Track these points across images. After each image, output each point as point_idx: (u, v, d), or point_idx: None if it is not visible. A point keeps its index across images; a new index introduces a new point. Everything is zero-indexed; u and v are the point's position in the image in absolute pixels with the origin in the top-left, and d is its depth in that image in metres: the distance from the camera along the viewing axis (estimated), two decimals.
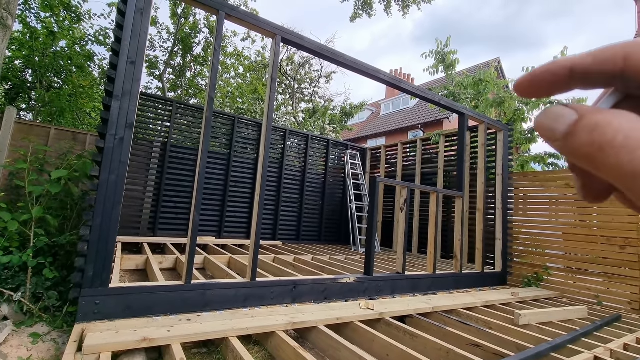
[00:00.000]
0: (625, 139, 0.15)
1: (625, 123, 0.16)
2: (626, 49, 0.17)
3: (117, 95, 2.20)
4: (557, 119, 0.18)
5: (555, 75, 0.19)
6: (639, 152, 0.15)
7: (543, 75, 0.19)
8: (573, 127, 0.17)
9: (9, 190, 3.92)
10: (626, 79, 0.17)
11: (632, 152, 0.15)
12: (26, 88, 7.76)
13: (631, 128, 0.15)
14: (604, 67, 0.17)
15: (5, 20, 3.71)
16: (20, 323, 2.41)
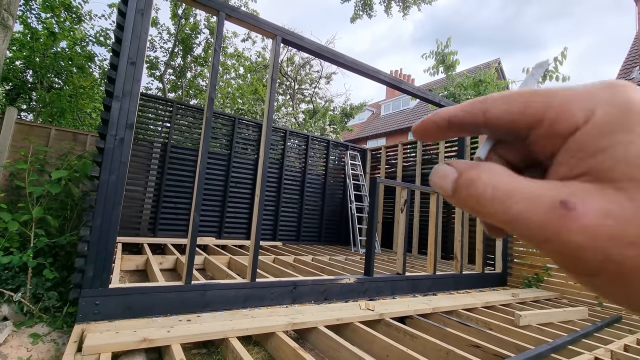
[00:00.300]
0: (493, 190, 0.18)
1: (491, 176, 0.18)
2: (484, 104, 0.20)
3: (118, 96, 2.21)
4: (444, 178, 0.20)
5: (438, 125, 0.22)
6: (509, 201, 0.17)
7: (429, 125, 0.22)
8: (455, 184, 0.19)
9: (10, 190, 3.92)
10: (490, 129, 0.20)
11: (503, 202, 0.17)
12: (27, 89, 7.77)
13: (497, 179, 0.18)
14: (472, 119, 0.20)
15: (6, 20, 3.72)
16: (20, 323, 2.41)
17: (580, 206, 0.16)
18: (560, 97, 0.18)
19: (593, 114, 0.17)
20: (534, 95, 0.19)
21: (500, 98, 0.20)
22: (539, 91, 0.19)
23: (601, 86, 0.18)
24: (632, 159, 0.15)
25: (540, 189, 0.17)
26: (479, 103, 0.20)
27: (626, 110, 0.16)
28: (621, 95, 0.17)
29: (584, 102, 0.17)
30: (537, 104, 0.18)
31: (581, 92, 0.18)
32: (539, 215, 0.16)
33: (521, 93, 0.19)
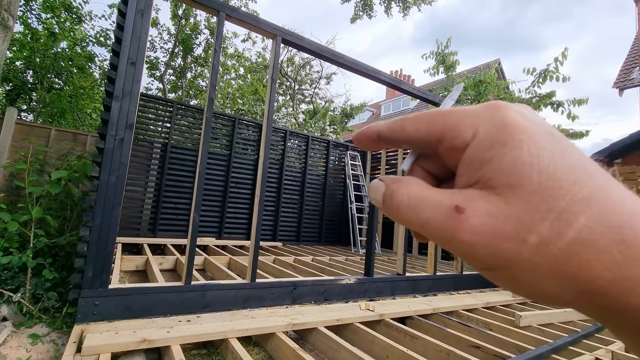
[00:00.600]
0: (408, 199, 0.21)
1: (407, 188, 0.22)
2: (402, 123, 0.23)
3: (117, 96, 2.20)
4: (376, 191, 0.23)
5: (370, 137, 0.25)
6: (419, 208, 0.20)
7: (363, 137, 0.26)
8: (383, 196, 0.22)
9: (9, 190, 3.92)
10: (409, 144, 0.24)
11: (415, 209, 0.20)
12: (27, 89, 7.77)
13: (412, 190, 0.21)
14: (394, 135, 0.24)
15: (6, 21, 3.72)
16: (19, 324, 2.41)
17: (469, 209, 0.19)
18: (454, 117, 0.21)
19: (477, 131, 0.20)
20: (436, 116, 0.22)
21: (412, 118, 0.23)
22: (440, 112, 0.22)
23: (485, 108, 0.21)
24: (506, 169, 0.18)
25: (442, 197, 0.20)
26: (399, 121, 0.24)
27: (502, 127, 0.19)
28: (498, 114, 0.20)
29: (471, 121, 0.20)
30: (437, 124, 0.22)
31: (470, 112, 0.21)
32: (440, 219, 0.19)
33: (428, 114, 0.22)
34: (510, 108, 0.20)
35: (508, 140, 0.19)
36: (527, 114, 0.20)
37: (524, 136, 0.19)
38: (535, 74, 6.20)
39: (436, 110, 0.22)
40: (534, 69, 6.21)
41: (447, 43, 6.92)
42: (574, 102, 5.86)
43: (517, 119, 0.19)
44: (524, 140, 0.19)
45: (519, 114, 0.20)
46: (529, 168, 0.18)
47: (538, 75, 6.16)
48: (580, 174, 0.18)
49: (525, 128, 0.19)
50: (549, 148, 0.18)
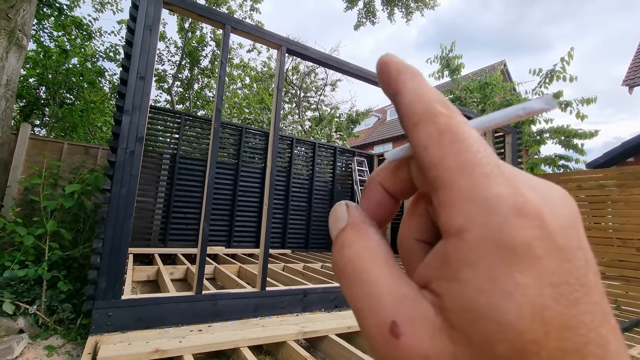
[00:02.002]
0: (352, 270, 0.17)
1: (360, 252, 0.17)
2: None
3: (128, 110, 2.26)
4: (335, 222, 0.20)
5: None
6: (357, 289, 0.16)
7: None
8: (337, 237, 0.19)
9: (24, 204, 4.01)
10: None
11: (351, 287, 0.17)
12: (40, 105, 7.99)
13: (362, 258, 0.17)
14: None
15: (21, 40, 3.85)
16: (35, 336, 2.45)
17: (407, 339, 0.14)
18: (459, 186, 0.15)
19: (469, 229, 0.14)
20: (447, 170, 0.15)
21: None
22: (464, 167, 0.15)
23: (510, 202, 0.14)
24: (476, 316, 0.13)
25: (386, 297, 0.15)
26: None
27: (503, 250, 0.13)
28: (512, 228, 0.13)
29: (471, 210, 0.14)
30: (440, 179, 0.16)
31: (478, 205, 0.14)
32: (374, 327, 0.15)
33: (445, 157, 0.16)
34: (540, 226, 0.13)
35: (501, 274, 0.13)
36: (561, 243, 0.13)
37: (527, 279, 0.13)
38: (542, 75, 6.15)
39: (458, 153, 0.15)
40: (540, 69, 6.17)
41: (452, 47, 6.92)
42: (583, 101, 5.79)
43: (534, 246, 0.13)
44: (523, 287, 0.13)
45: (543, 240, 0.13)
46: (504, 334, 0.12)
47: (544, 76, 6.11)
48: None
49: (535, 266, 0.13)
50: (554, 313, 0.12)
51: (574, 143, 5.92)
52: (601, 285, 0.14)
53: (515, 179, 0.15)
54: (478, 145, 0.15)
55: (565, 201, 0.15)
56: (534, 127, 6.30)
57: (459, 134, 0.15)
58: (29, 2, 3.89)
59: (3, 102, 3.70)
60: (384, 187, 0.20)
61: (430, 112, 0.16)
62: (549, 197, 0.15)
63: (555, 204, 0.14)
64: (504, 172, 0.15)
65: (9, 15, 3.65)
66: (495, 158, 0.15)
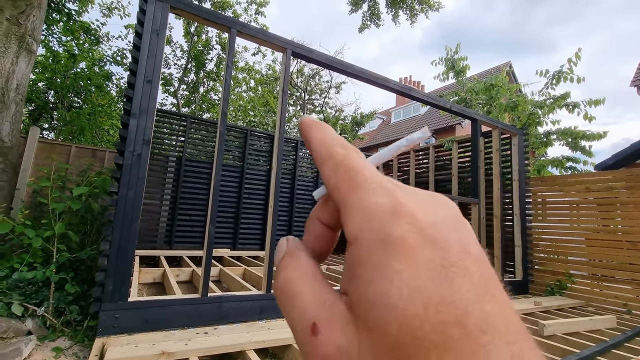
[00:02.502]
0: (284, 284, 0.20)
1: (291, 272, 0.20)
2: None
3: (135, 113, 2.28)
4: (278, 253, 0.23)
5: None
6: (289, 305, 0.19)
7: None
8: (276, 269, 0.22)
9: (33, 207, 4.06)
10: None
11: (285, 303, 0.19)
12: (49, 108, 8.11)
13: (294, 277, 0.20)
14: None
15: (31, 45, 3.91)
16: (43, 337, 2.47)
17: (323, 334, 0.17)
18: (350, 202, 0.18)
19: (361, 235, 0.17)
20: (339, 186, 0.19)
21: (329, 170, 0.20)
22: (352, 182, 0.18)
23: (387, 206, 0.17)
24: (365, 304, 0.15)
25: (311, 303, 0.18)
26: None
27: (384, 244, 0.16)
28: (389, 225, 0.16)
29: (360, 218, 0.17)
30: (338, 196, 0.19)
31: (369, 204, 0.17)
32: (300, 330, 0.18)
33: (342, 175, 0.19)
34: (412, 222, 0.16)
35: (383, 264, 0.15)
36: (430, 233, 0.16)
37: (403, 265, 0.15)
38: (549, 76, 6.10)
39: (352, 174, 0.19)
40: (546, 70, 6.12)
41: (457, 49, 6.90)
42: (590, 102, 5.73)
43: (407, 238, 0.15)
44: (400, 272, 0.15)
45: (415, 233, 0.16)
46: (391, 314, 0.14)
47: (551, 77, 6.06)
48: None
49: (409, 254, 0.15)
50: (431, 291, 0.14)
51: (582, 145, 5.86)
52: (486, 272, 0.16)
53: (396, 192, 0.18)
54: (367, 171, 0.19)
55: (441, 205, 0.18)
56: (541, 129, 6.25)
57: (351, 166, 0.19)
58: (38, 7, 3.95)
59: (13, 106, 3.76)
60: (320, 221, 0.23)
61: (330, 153, 0.20)
62: (424, 202, 0.18)
63: (429, 207, 0.17)
64: (386, 187, 0.18)
65: (19, 20, 3.71)
66: (381, 180, 0.18)
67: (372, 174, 0.19)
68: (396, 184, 0.19)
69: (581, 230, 4.33)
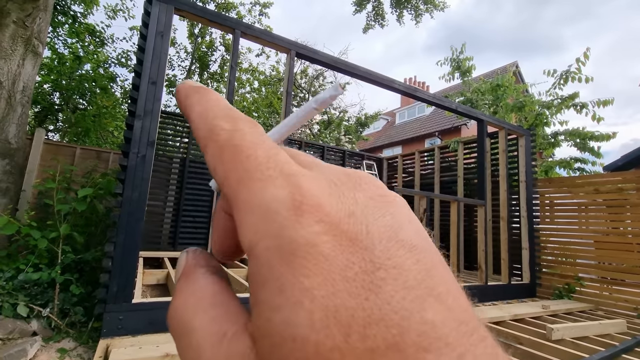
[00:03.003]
0: (179, 321, 0.15)
1: (188, 298, 0.16)
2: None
3: (139, 115, 2.27)
4: (177, 268, 0.18)
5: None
6: (184, 339, 0.14)
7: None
8: (177, 282, 0.17)
9: (39, 208, 4.08)
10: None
11: (181, 337, 0.14)
12: (54, 110, 8.18)
13: (187, 304, 0.15)
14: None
15: (37, 48, 3.94)
16: (48, 338, 2.47)
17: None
18: (240, 199, 0.14)
19: (257, 245, 0.13)
20: (232, 168, 0.14)
21: (211, 155, 0.16)
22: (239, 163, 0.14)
23: (290, 202, 0.13)
24: (274, 339, 0.11)
25: (205, 342, 0.14)
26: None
27: (286, 255, 0.12)
28: (293, 227, 0.12)
29: (255, 219, 0.13)
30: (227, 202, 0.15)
31: (266, 197, 0.13)
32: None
33: (231, 157, 0.15)
34: (321, 219, 0.12)
35: (288, 282, 0.11)
36: (346, 231, 0.12)
37: (314, 280, 0.11)
38: (556, 76, 6.03)
39: (240, 155, 0.14)
40: (554, 70, 6.05)
41: (462, 48, 6.86)
42: (599, 103, 5.65)
43: (316, 243, 0.12)
44: (311, 290, 0.11)
45: (326, 234, 0.12)
46: (301, 351, 0.11)
47: (559, 77, 5.99)
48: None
49: (320, 264, 0.12)
50: (352, 310, 0.11)
51: (590, 145, 5.78)
52: (426, 262, 0.12)
53: (299, 178, 0.13)
54: (260, 152, 0.14)
55: (361, 185, 0.14)
56: (548, 130, 6.17)
57: (240, 147, 0.14)
58: (44, 10, 3.98)
59: (19, 108, 3.78)
60: (227, 211, 0.18)
61: (211, 131, 0.15)
62: (338, 185, 0.14)
63: (344, 191, 0.14)
64: (287, 172, 0.14)
65: (26, 23, 3.74)
66: (281, 162, 0.14)
67: (267, 155, 0.14)
68: (303, 160, 0.15)
69: (590, 232, 4.26)
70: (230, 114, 0.16)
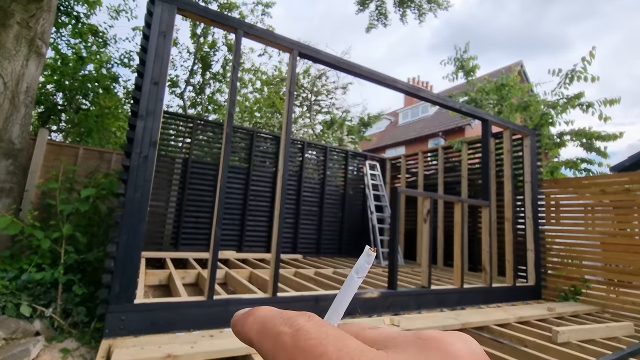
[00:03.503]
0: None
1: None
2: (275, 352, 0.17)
3: (142, 115, 2.27)
4: None
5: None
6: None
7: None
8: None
9: (42, 208, 4.09)
10: None
11: None
12: (57, 110, 8.21)
13: None
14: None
15: (40, 48, 3.95)
16: (51, 338, 2.47)
17: None
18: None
19: None
20: None
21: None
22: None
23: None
24: None
25: None
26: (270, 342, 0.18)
27: None
28: None
29: None
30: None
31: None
32: None
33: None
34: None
35: None
36: None
37: None
38: (562, 75, 5.97)
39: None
40: (559, 69, 5.98)
41: (466, 48, 6.81)
42: (605, 102, 5.59)
43: None
44: None
45: None
46: None
47: (564, 76, 5.93)
48: None
49: None
50: None
51: (597, 146, 5.71)
52: None
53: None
54: (332, 347, 0.15)
55: (438, 351, 0.15)
56: (554, 129, 6.11)
57: (309, 349, 0.15)
58: (48, 11, 3.99)
59: (23, 109, 3.79)
60: None
61: (276, 341, 0.16)
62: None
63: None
64: (369, 356, 0.14)
65: (29, 24, 3.75)
66: (353, 349, 0.15)
67: (337, 348, 0.15)
68: (371, 338, 0.16)
69: (596, 234, 4.21)
70: (286, 316, 0.17)
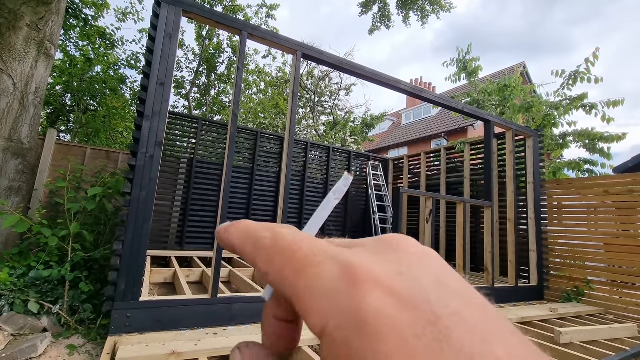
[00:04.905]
0: None
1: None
2: (255, 252, 0.19)
3: (148, 116, 2.31)
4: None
5: (225, 244, 0.21)
6: None
7: (222, 236, 0.21)
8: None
9: (50, 207, 4.16)
10: None
11: None
12: (65, 111, 8.33)
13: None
14: (248, 260, 0.20)
15: (49, 50, 4.03)
16: (58, 335, 2.52)
17: None
18: (302, 289, 0.15)
19: (327, 326, 0.14)
20: (284, 279, 0.16)
21: (264, 254, 0.18)
22: (290, 270, 0.16)
23: (344, 282, 0.14)
24: None
25: None
26: (251, 247, 0.19)
27: (357, 326, 0.13)
28: (356, 300, 0.13)
29: (321, 306, 0.14)
30: (286, 288, 0.16)
31: (323, 287, 0.15)
32: None
33: (280, 262, 0.17)
34: (377, 284, 0.14)
35: (368, 354, 0.12)
36: (401, 289, 0.14)
37: (390, 345, 0.12)
38: (565, 76, 5.95)
39: (288, 263, 0.16)
40: (563, 71, 5.97)
41: (469, 49, 6.81)
42: (609, 103, 5.56)
43: (381, 307, 0.13)
44: (392, 356, 0.12)
45: (386, 296, 0.13)
46: None
47: (568, 78, 5.91)
48: None
49: (391, 326, 0.12)
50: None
51: (600, 147, 5.68)
52: (476, 301, 0.14)
53: (343, 255, 0.15)
54: (305, 245, 0.16)
55: (395, 247, 0.16)
56: (557, 131, 6.09)
57: (285, 246, 0.17)
58: (57, 14, 4.06)
59: (32, 109, 3.87)
60: (278, 318, 0.20)
61: (257, 242, 0.18)
62: (377, 252, 0.16)
63: (384, 256, 0.15)
64: (332, 254, 0.15)
65: (38, 26, 3.82)
66: (324, 248, 0.16)
67: (310, 246, 0.16)
68: (340, 243, 0.17)
69: (599, 235, 4.20)
70: (267, 225, 0.19)
